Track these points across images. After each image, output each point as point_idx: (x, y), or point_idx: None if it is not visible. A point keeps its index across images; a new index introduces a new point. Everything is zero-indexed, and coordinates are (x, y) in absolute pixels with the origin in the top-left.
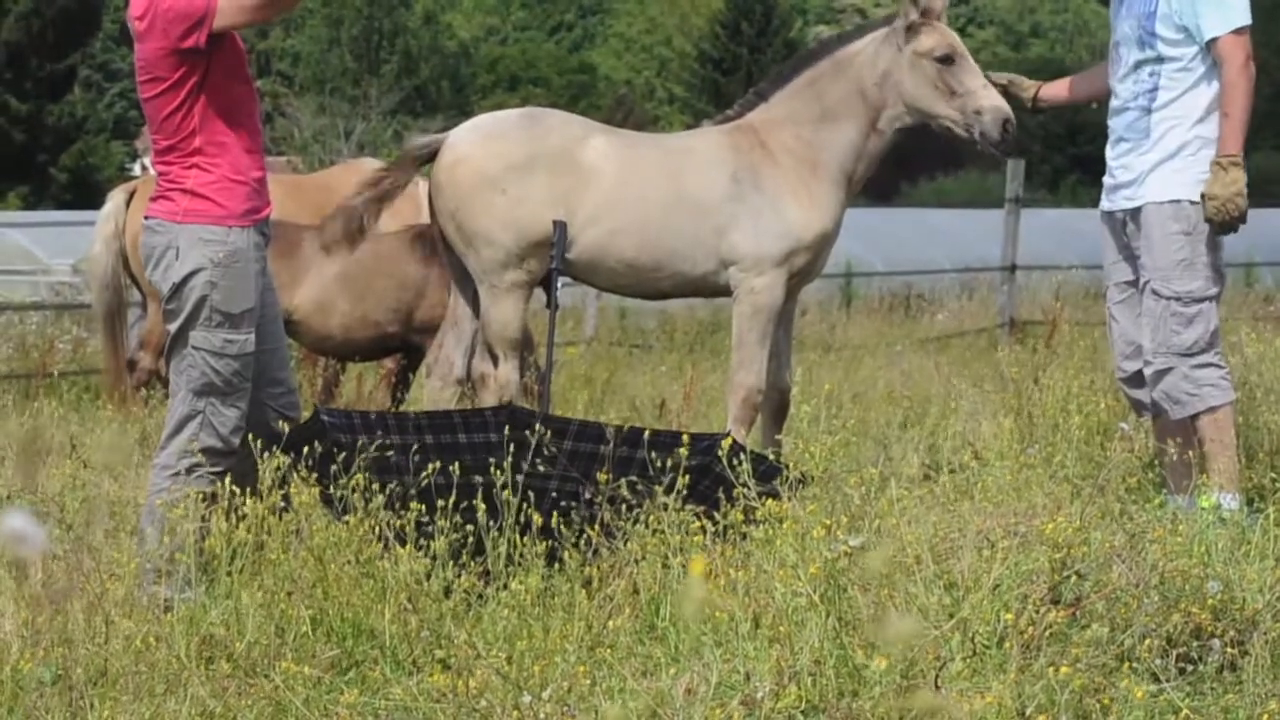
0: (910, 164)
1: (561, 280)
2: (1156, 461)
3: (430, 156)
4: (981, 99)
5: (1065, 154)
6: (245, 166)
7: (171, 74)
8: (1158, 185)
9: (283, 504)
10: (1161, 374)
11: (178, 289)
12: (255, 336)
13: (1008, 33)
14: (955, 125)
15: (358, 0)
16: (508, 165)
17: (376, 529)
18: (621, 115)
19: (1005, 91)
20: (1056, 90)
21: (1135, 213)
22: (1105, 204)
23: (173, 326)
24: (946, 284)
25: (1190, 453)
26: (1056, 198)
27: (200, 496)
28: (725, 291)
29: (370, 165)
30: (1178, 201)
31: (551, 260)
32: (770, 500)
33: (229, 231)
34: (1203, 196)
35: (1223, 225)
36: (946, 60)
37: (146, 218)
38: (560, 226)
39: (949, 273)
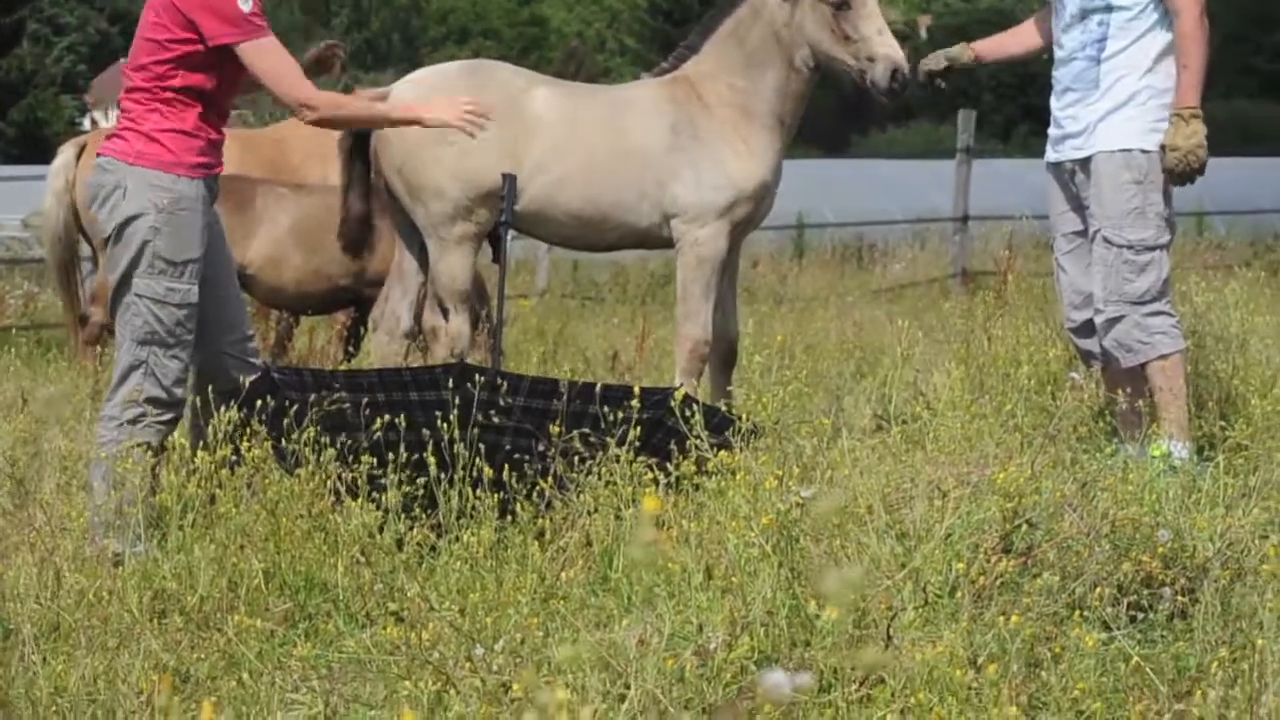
0: (861, 115)
1: (510, 233)
2: (1107, 410)
3: None
4: (875, 46)
5: (1017, 104)
6: (204, 126)
7: (172, 33)
8: (1108, 134)
9: (234, 458)
10: (1113, 322)
11: (120, 231)
12: (209, 285)
13: None
14: (850, 71)
15: None
16: None
17: (329, 482)
18: (574, 67)
19: (950, 70)
20: (990, 47)
21: (1085, 162)
22: (1052, 155)
23: (115, 275)
24: (899, 235)
25: (1140, 402)
26: (1008, 148)
27: (146, 447)
28: (671, 244)
29: None
30: (1128, 150)
31: (501, 214)
32: (722, 452)
33: (176, 180)
34: (1163, 147)
35: (1182, 176)
36: (843, 6)
37: (99, 154)
38: (510, 180)
39: (901, 223)
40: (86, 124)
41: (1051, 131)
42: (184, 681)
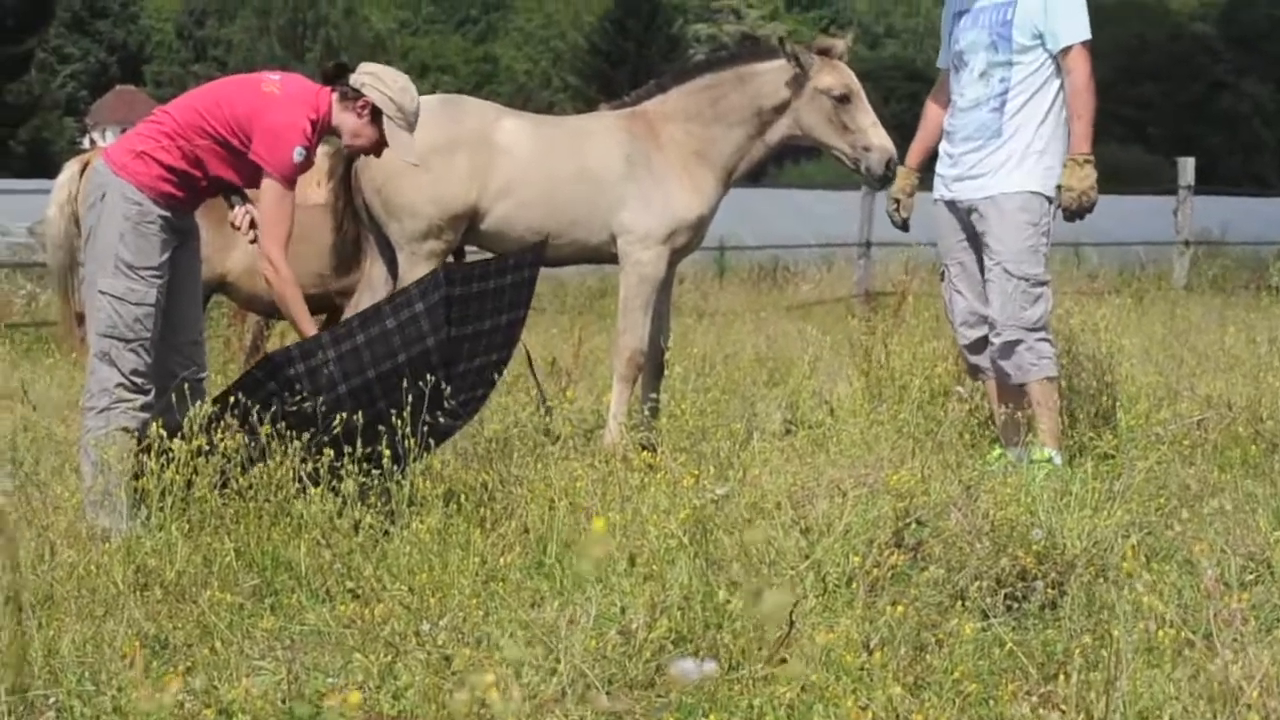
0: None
1: (471, 250)
2: (990, 421)
3: None
4: (871, 137)
5: None
6: (188, 182)
7: (231, 131)
8: (1010, 178)
9: (208, 447)
10: (1010, 345)
11: (93, 232)
12: (173, 291)
13: (865, 34)
14: (844, 157)
15: None
16: (431, 147)
17: (293, 471)
18: (520, 101)
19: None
20: (920, 151)
21: (985, 201)
22: (946, 193)
23: (87, 272)
24: (810, 257)
25: (1019, 414)
26: None
27: (125, 431)
28: (617, 259)
29: None
30: (1027, 193)
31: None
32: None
33: (146, 199)
34: (1058, 188)
35: (1076, 213)
36: (843, 99)
37: (100, 158)
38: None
39: (812, 247)
40: (86, 143)
41: (947, 171)
42: (162, 648)
